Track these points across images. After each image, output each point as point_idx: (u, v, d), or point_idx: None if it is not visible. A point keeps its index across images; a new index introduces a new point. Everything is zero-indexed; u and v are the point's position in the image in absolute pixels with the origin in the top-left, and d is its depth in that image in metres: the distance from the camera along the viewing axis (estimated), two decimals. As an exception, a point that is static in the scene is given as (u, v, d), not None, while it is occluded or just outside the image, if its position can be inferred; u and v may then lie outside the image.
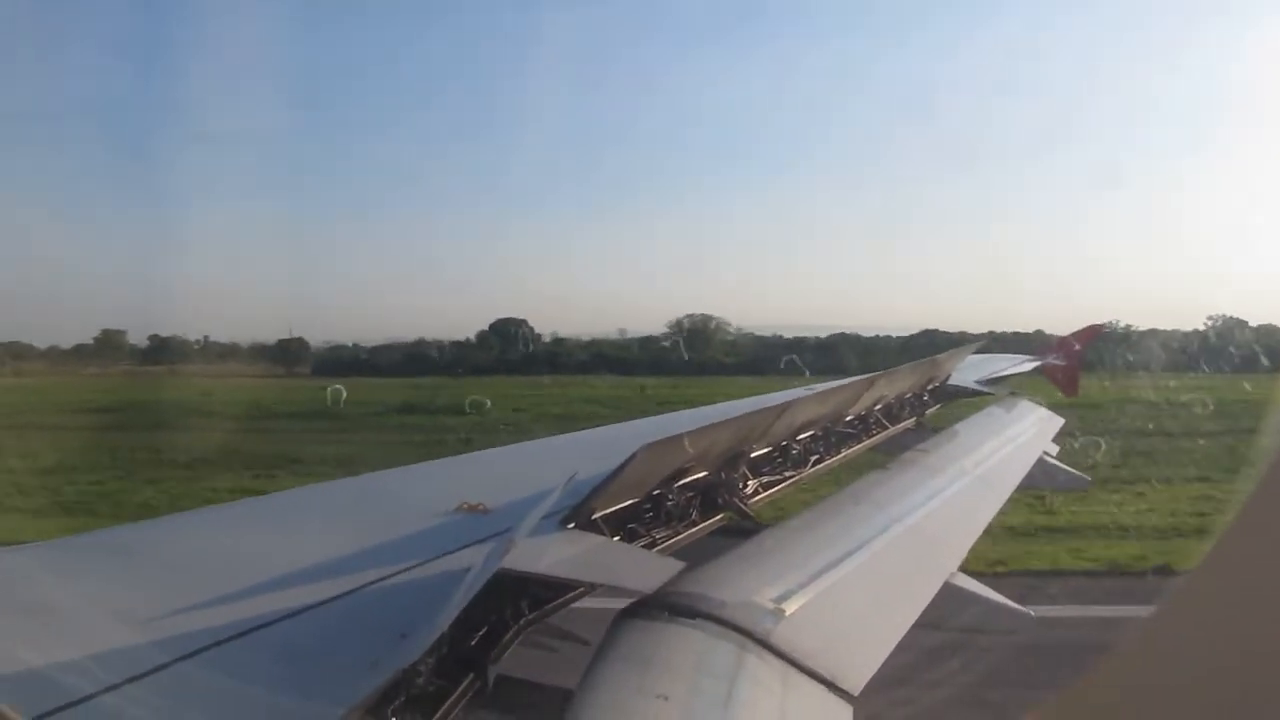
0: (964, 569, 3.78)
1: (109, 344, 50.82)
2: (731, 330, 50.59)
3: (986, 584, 3.91)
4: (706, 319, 49.90)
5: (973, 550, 4.03)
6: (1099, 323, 12.70)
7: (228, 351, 51.33)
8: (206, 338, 52.07)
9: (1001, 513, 4.94)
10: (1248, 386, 22.40)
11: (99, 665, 1.84)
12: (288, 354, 48.05)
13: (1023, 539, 13.05)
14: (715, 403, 8.20)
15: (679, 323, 49.90)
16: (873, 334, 47.31)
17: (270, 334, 51.66)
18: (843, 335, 45.95)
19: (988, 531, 4.47)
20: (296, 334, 49.71)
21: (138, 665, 1.86)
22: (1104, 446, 13.90)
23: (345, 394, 30.13)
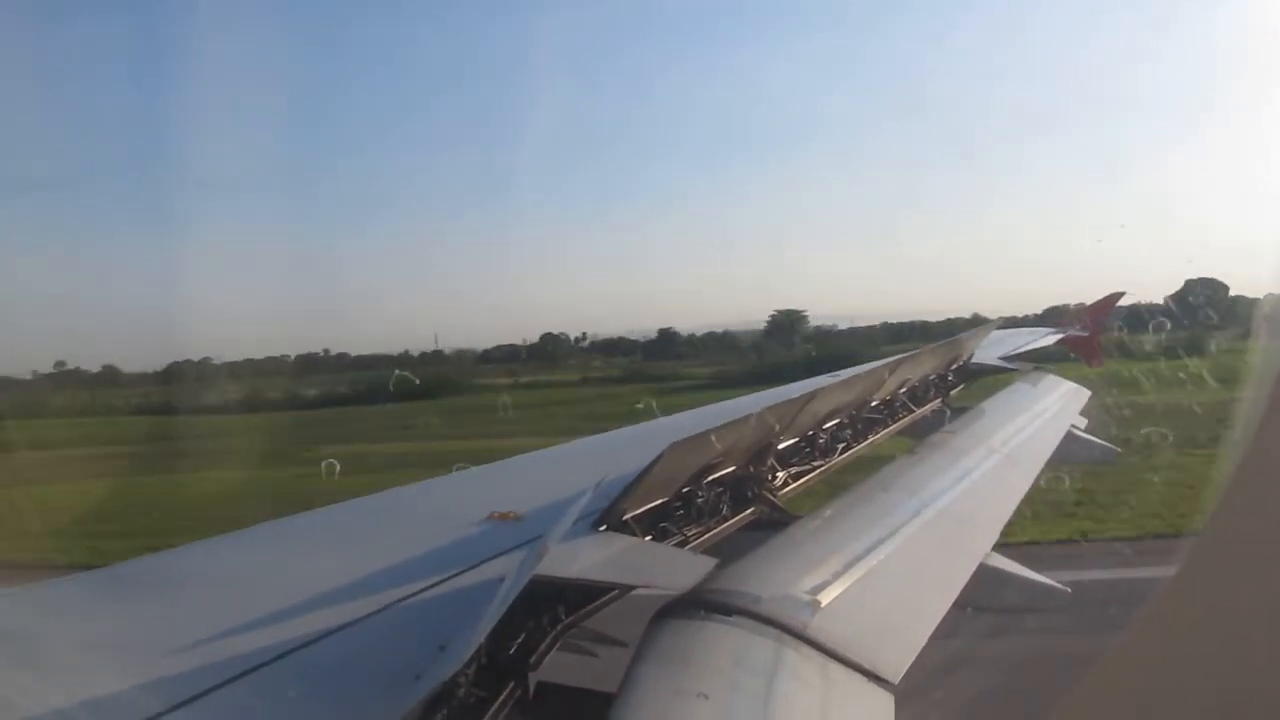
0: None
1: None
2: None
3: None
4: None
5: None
6: (1117, 291, 12.37)
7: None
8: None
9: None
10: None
11: (143, 694, 1.87)
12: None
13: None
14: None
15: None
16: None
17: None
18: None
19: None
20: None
21: (179, 693, 1.88)
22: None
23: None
